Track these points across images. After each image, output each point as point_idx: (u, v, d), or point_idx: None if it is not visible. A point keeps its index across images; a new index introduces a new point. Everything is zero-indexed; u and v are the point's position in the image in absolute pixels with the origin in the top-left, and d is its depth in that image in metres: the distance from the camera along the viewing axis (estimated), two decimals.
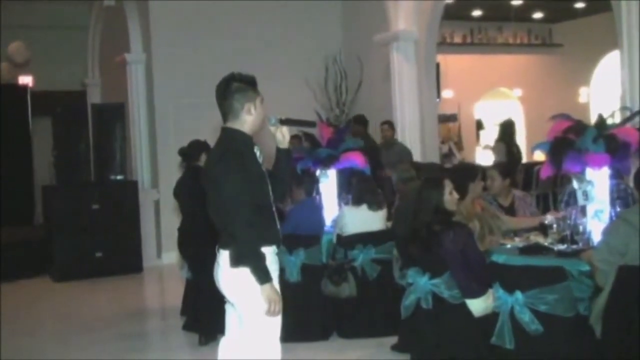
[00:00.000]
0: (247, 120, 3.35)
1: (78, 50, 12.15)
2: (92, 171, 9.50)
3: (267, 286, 3.19)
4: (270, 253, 3.33)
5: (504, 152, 9.47)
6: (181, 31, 9.44)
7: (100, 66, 12.06)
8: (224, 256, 3.29)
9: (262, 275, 3.19)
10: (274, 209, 3.44)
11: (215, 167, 3.29)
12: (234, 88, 3.34)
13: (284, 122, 3.48)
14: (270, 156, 3.55)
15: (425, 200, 4.31)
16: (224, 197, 3.22)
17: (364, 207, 5.78)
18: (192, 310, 6.09)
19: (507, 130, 9.87)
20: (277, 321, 3.30)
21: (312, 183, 6.05)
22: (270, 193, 3.42)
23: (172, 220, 8.03)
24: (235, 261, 3.22)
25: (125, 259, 8.97)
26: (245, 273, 3.20)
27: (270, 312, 3.21)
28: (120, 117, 9.65)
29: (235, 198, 3.19)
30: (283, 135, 3.48)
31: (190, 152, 5.97)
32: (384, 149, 8.26)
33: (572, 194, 4.38)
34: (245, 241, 3.19)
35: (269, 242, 3.33)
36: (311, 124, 3.79)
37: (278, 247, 3.43)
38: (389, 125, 8.40)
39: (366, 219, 5.75)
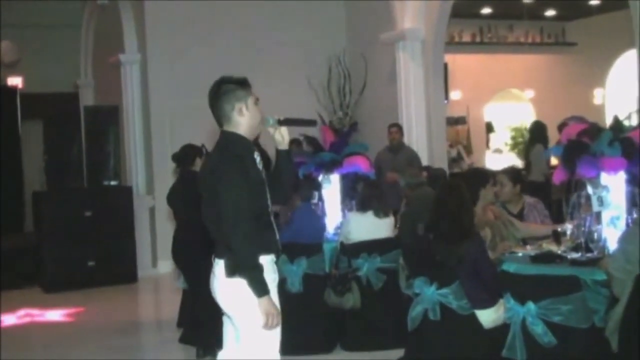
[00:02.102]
0: (240, 121, 3.35)
1: (70, 50, 12.18)
2: (84, 176, 9.53)
3: (264, 299, 3.19)
4: (268, 262, 3.33)
5: (544, 154, 9.41)
6: (178, 31, 9.46)
7: (94, 67, 12.08)
8: (220, 266, 3.28)
9: (260, 288, 3.19)
10: (272, 217, 3.45)
11: (213, 172, 3.29)
12: (223, 91, 3.34)
13: (282, 122, 3.48)
14: (270, 159, 3.55)
15: (466, 198, 4.36)
16: (222, 204, 3.21)
17: (370, 213, 5.78)
18: (189, 322, 6.09)
19: (540, 131, 9.85)
20: (275, 334, 3.30)
21: (309, 188, 6.03)
22: (269, 200, 3.42)
23: (167, 227, 8.04)
24: (232, 271, 3.22)
25: (119, 268, 8.98)
26: (242, 284, 3.21)
27: (267, 326, 3.21)
28: (114, 120, 9.67)
29: (234, 206, 3.19)
30: (282, 136, 3.48)
31: (184, 157, 5.99)
32: (391, 152, 8.26)
33: (577, 206, 4.38)
34: (243, 252, 3.19)
35: (267, 251, 3.33)
36: (311, 123, 3.79)
37: (277, 255, 3.43)
38: (398, 127, 8.41)
39: (372, 226, 5.75)
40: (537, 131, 9.92)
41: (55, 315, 7.62)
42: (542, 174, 9.20)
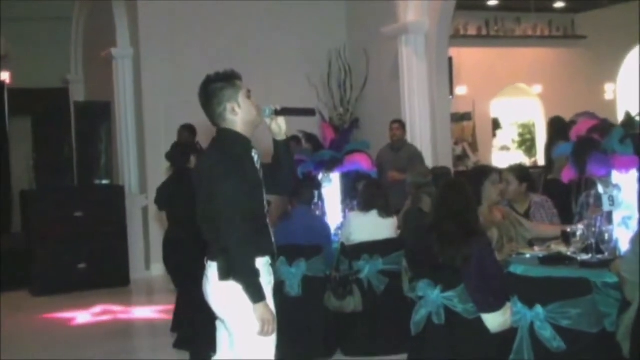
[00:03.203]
0: (235, 120, 3.35)
1: (60, 44, 12.17)
2: (75, 175, 9.54)
3: (260, 305, 3.20)
4: (263, 264, 3.33)
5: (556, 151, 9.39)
6: (172, 24, 9.45)
7: (84, 61, 12.09)
8: (213, 269, 3.28)
9: (256, 294, 3.19)
10: (268, 219, 3.44)
11: (210, 171, 3.29)
12: (211, 91, 3.34)
13: (279, 112, 3.46)
14: (267, 152, 3.55)
15: (471, 196, 4.36)
16: (218, 205, 3.22)
17: (374, 213, 5.78)
18: (183, 326, 6.09)
19: (560, 127, 9.81)
20: (271, 339, 3.30)
21: (310, 191, 5.99)
22: (265, 201, 3.41)
23: (161, 228, 8.04)
24: (226, 274, 3.23)
25: (110, 270, 8.97)
26: (235, 287, 3.21)
27: (263, 333, 3.22)
28: (105, 116, 9.67)
29: (231, 207, 3.19)
30: (279, 127, 3.47)
31: (180, 156, 5.98)
32: (393, 150, 8.26)
33: (586, 205, 4.38)
34: (239, 256, 3.19)
35: (262, 253, 3.33)
36: (310, 112, 3.77)
37: (273, 258, 3.43)
38: (400, 124, 8.40)
39: (374, 227, 5.75)
40: (558, 127, 9.88)
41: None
42: None
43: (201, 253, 3.44)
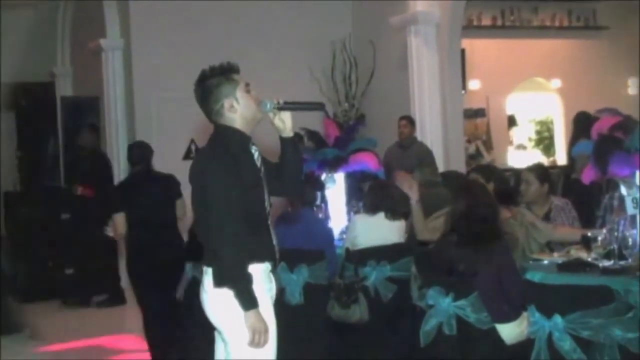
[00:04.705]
0: (234, 117, 3.36)
1: (45, 35, 12.18)
2: (61, 175, 9.54)
3: (251, 313, 3.20)
4: (262, 270, 3.34)
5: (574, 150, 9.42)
6: (165, 13, 9.45)
7: (72, 54, 12.09)
8: (208, 276, 3.29)
9: (247, 301, 3.20)
10: (269, 221, 3.44)
11: (202, 171, 3.31)
12: (207, 88, 3.36)
13: (281, 107, 3.44)
14: (268, 151, 3.54)
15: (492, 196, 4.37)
16: (209, 207, 3.23)
17: (381, 215, 5.78)
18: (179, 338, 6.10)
19: (586, 124, 9.78)
20: (270, 351, 3.31)
21: (312, 191, 5.98)
22: (267, 202, 3.41)
23: None
24: (218, 281, 3.23)
25: (100, 277, 8.97)
26: (231, 295, 3.22)
27: (253, 344, 3.22)
28: (94, 112, 9.68)
29: (220, 209, 3.21)
30: (283, 122, 3.44)
31: (147, 157, 6.06)
32: (401, 148, 8.26)
33: (609, 208, 4.37)
34: (228, 261, 3.20)
35: (261, 259, 3.33)
36: (316, 106, 3.71)
37: (273, 264, 3.43)
38: (408, 120, 8.41)
39: (381, 230, 5.74)
40: (583, 124, 9.86)
41: None
42: None
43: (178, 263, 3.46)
